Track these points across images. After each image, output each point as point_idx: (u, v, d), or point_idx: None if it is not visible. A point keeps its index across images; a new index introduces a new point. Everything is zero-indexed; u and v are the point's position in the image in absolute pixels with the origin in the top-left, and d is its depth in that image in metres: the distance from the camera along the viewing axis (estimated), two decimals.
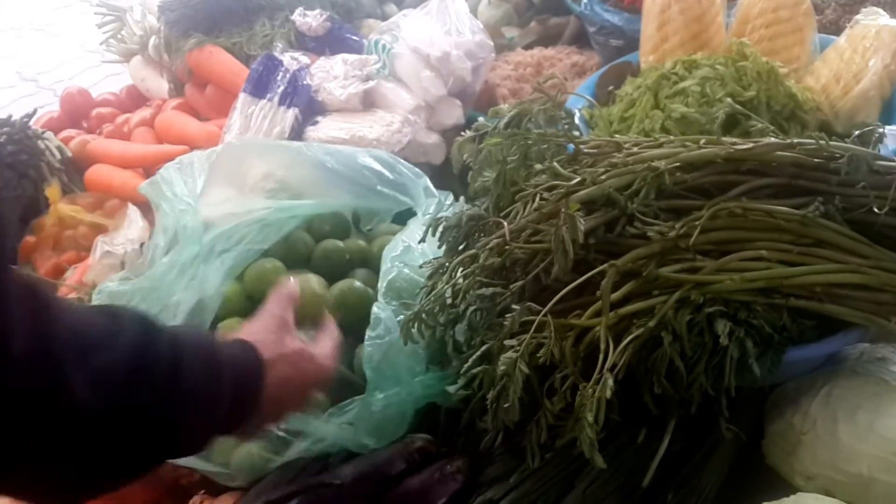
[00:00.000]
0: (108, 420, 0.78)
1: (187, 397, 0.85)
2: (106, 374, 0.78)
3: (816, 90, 1.63)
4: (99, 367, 0.77)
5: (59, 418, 0.74)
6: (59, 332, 0.75)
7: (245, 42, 2.37)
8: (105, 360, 0.78)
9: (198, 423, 0.89)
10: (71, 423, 0.75)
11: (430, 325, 1.19)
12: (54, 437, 0.75)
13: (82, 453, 0.78)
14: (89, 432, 0.77)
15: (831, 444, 1.10)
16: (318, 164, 1.60)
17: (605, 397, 0.98)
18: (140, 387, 0.80)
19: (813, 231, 1.11)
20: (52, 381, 0.73)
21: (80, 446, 0.78)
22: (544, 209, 1.14)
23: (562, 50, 2.25)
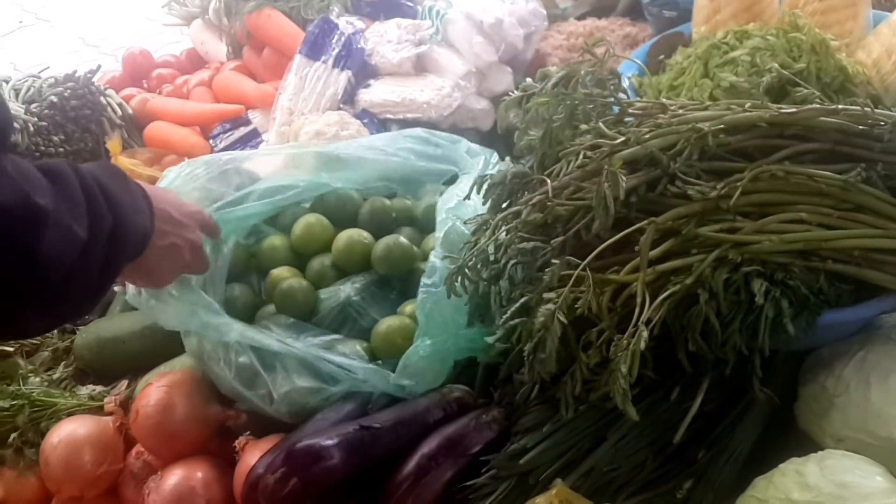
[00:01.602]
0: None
1: (121, 209, 1.03)
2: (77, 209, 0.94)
3: (867, 64, 1.61)
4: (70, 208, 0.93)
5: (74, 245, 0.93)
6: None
7: (302, 6, 2.40)
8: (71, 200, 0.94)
9: (134, 227, 1.08)
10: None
11: (473, 280, 1.21)
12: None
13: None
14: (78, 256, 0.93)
15: (863, 407, 1.11)
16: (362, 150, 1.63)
17: (640, 349, 1.00)
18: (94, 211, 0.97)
19: (854, 196, 1.12)
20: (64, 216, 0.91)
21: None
22: (587, 167, 1.16)
23: (615, 21, 2.25)
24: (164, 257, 1.21)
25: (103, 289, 1.03)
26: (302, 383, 1.28)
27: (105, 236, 0.98)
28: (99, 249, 0.97)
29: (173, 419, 1.34)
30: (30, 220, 0.87)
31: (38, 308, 0.95)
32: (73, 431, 1.39)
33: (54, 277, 0.91)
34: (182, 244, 1.25)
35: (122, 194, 1.05)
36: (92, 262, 0.96)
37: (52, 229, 0.89)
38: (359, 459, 1.17)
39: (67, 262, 0.92)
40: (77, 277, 0.95)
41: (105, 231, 0.98)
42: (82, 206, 0.95)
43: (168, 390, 1.37)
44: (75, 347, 1.65)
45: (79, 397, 1.54)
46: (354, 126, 1.90)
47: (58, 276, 0.91)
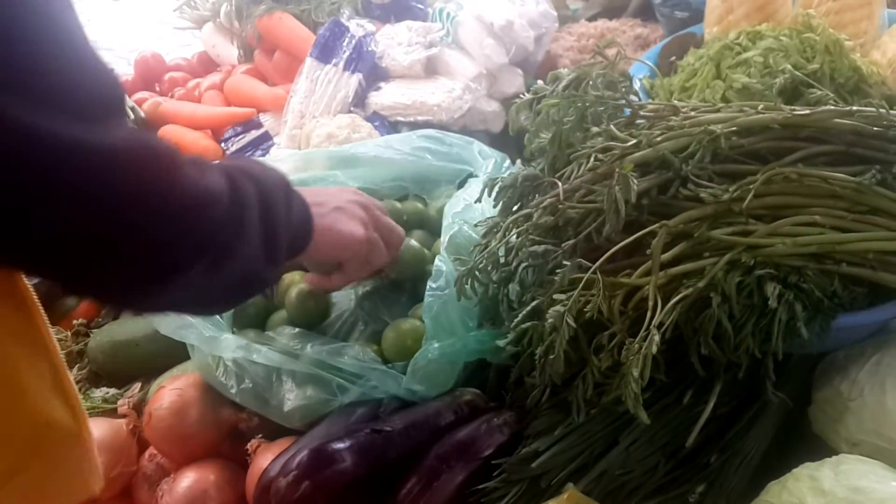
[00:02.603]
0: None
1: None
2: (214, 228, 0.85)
3: (882, 64, 1.60)
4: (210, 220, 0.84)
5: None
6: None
7: (313, 9, 2.41)
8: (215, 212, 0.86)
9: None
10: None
11: (483, 283, 1.21)
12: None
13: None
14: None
15: (878, 411, 1.10)
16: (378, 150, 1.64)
17: (651, 353, 1.00)
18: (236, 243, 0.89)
19: (868, 199, 1.11)
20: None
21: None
22: (599, 170, 1.16)
23: (626, 22, 2.24)
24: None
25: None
26: (310, 396, 1.28)
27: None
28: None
29: (186, 422, 1.35)
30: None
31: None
32: None
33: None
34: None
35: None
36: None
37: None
38: (371, 462, 1.16)
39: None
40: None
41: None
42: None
43: (181, 393, 1.37)
44: (89, 350, 1.66)
45: (92, 400, 1.55)
46: (366, 129, 1.90)
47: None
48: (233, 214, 0.87)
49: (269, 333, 1.37)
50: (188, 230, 0.81)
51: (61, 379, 0.93)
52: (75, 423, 0.95)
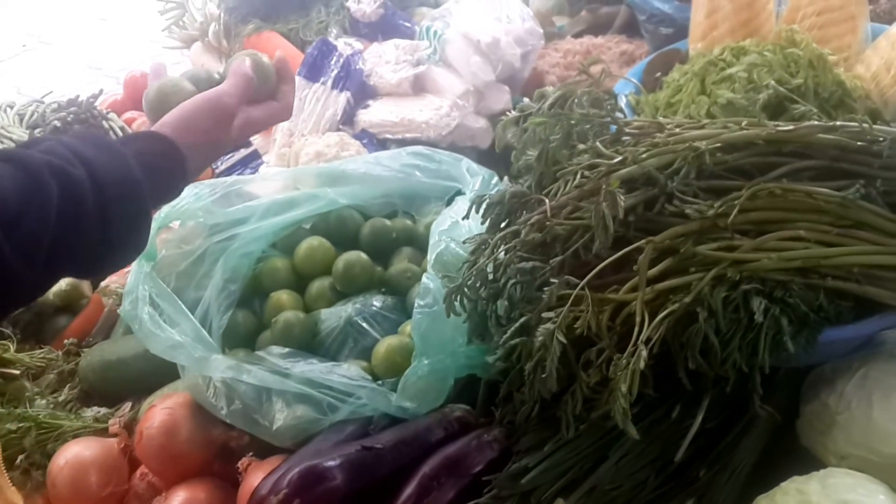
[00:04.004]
0: (44, 272, 0.92)
1: (114, 231, 0.99)
2: (33, 242, 0.89)
3: (866, 78, 1.62)
4: (25, 238, 0.88)
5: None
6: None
7: (301, 28, 2.42)
8: (30, 228, 0.88)
9: (128, 238, 1.05)
10: (10, 283, 0.88)
11: (472, 299, 1.22)
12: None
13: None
14: (28, 285, 0.92)
15: (866, 424, 1.10)
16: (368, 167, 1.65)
17: (639, 369, 1.00)
18: (69, 243, 0.93)
19: (853, 213, 1.11)
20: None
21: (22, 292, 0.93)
22: (585, 187, 1.16)
23: (611, 38, 2.26)
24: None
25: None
26: (300, 415, 1.28)
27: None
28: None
29: (177, 441, 1.35)
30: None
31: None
32: (79, 453, 1.40)
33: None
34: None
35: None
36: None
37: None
38: (361, 480, 1.16)
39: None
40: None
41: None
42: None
43: (171, 412, 1.38)
44: (80, 369, 1.66)
45: (84, 419, 1.55)
46: (354, 147, 1.91)
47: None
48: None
49: (258, 353, 1.37)
50: None
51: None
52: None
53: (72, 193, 0.93)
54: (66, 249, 0.93)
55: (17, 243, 0.87)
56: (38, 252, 0.89)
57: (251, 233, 1.54)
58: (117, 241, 1.01)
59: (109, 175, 0.98)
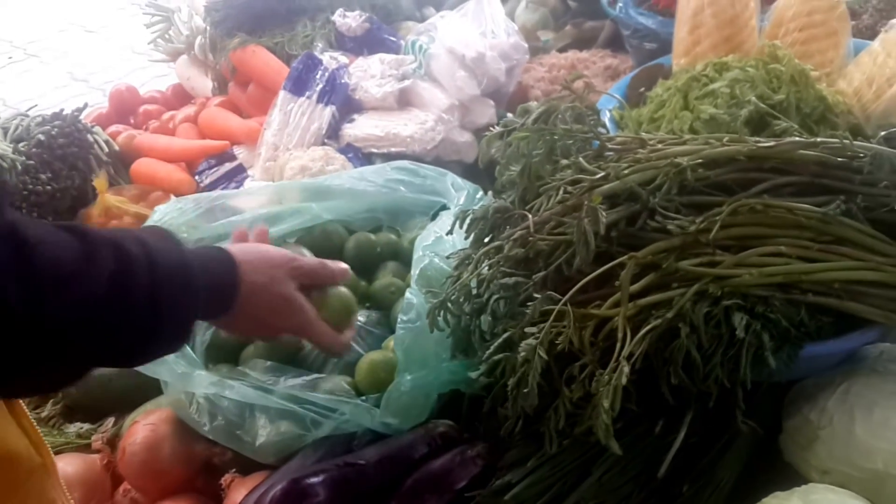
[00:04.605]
0: (90, 341, 0.86)
1: (162, 310, 0.93)
2: (85, 304, 0.83)
3: (848, 94, 1.63)
4: (77, 298, 0.82)
5: (43, 347, 0.81)
6: (38, 266, 0.78)
7: (287, 42, 2.43)
8: (82, 289, 0.83)
9: (173, 327, 0.98)
10: (54, 348, 0.82)
11: (456, 314, 1.22)
12: (44, 362, 0.83)
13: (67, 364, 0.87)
14: (72, 352, 0.85)
15: (847, 439, 1.11)
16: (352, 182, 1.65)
17: (621, 384, 1.00)
18: (118, 310, 0.87)
19: (833, 228, 1.12)
20: (36, 318, 0.78)
21: (65, 360, 0.86)
22: (568, 202, 1.17)
23: (596, 53, 2.28)
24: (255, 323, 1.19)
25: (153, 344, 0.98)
26: (283, 431, 1.28)
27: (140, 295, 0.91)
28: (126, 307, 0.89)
29: (160, 457, 1.35)
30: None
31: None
32: (62, 470, 1.36)
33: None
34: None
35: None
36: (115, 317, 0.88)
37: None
38: (344, 497, 1.16)
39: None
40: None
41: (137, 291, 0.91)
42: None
43: (154, 428, 1.37)
44: None
45: (67, 435, 1.54)
46: (339, 161, 1.91)
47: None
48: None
49: (241, 368, 1.37)
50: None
51: (18, 415, 0.93)
52: (38, 456, 0.95)
53: (126, 267, 0.89)
54: (111, 321, 0.88)
55: (63, 304, 0.82)
56: (81, 318, 0.84)
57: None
58: (161, 326, 0.95)
59: (164, 257, 0.95)
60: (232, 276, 1.11)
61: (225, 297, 1.10)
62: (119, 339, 0.90)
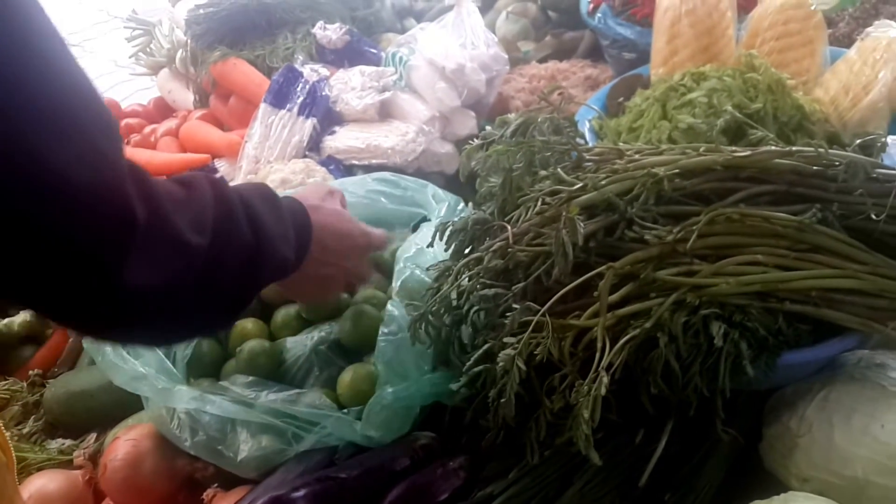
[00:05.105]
0: (213, 255, 0.93)
1: (264, 232, 1.04)
2: (201, 218, 0.93)
3: (825, 102, 1.64)
4: (194, 216, 0.91)
5: (178, 258, 0.88)
6: (160, 195, 0.86)
7: (267, 55, 2.43)
8: (197, 209, 0.93)
9: (276, 253, 1.08)
10: (187, 260, 0.90)
11: (436, 326, 1.22)
12: (177, 274, 0.89)
13: (198, 286, 0.93)
14: (201, 267, 0.91)
15: (826, 447, 1.11)
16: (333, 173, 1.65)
17: (601, 395, 1.01)
18: (228, 226, 0.97)
19: (810, 237, 1.13)
20: (167, 231, 0.87)
21: (196, 281, 0.92)
22: (546, 213, 1.17)
23: (576, 63, 2.28)
24: (315, 282, 1.27)
25: (238, 302, 1.06)
26: (264, 445, 1.27)
27: (238, 253, 1.00)
28: (224, 266, 0.97)
29: (141, 473, 1.35)
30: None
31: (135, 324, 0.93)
32: (44, 486, 1.39)
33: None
34: (336, 273, 1.31)
35: (268, 217, 1.07)
36: (211, 277, 0.95)
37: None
38: None
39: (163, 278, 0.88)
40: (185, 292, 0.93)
41: (238, 248, 1.00)
42: (207, 218, 0.95)
43: (135, 444, 1.37)
44: (45, 401, 1.64)
45: (48, 451, 1.54)
46: (320, 173, 1.91)
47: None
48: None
49: (222, 383, 1.36)
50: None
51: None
52: (3, 454, 0.97)
53: (225, 197, 0.99)
54: (226, 236, 0.97)
55: (188, 216, 0.90)
56: (206, 229, 0.93)
57: None
58: (262, 258, 1.04)
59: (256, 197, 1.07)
60: (308, 221, 1.20)
61: (305, 233, 1.19)
62: (225, 269, 0.97)
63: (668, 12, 1.78)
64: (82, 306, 0.84)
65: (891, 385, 1.15)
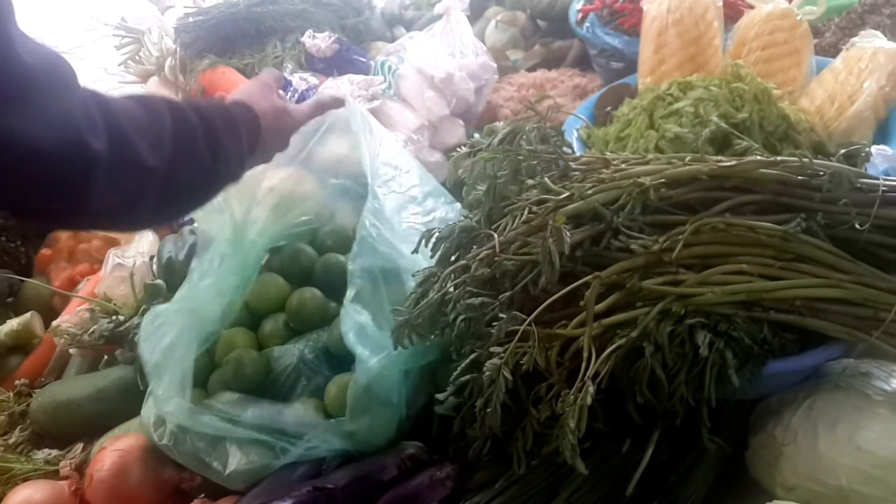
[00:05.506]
0: (169, 175, 1.03)
1: (222, 153, 1.15)
2: (160, 141, 1.02)
3: (811, 111, 1.65)
4: (154, 139, 1.01)
5: (136, 177, 0.99)
6: (121, 120, 0.97)
7: (256, 63, 2.43)
8: (156, 132, 1.02)
9: (230, 171, 1.21)
10: (146, 180, 1.01)
11: (422, 334, 1.21)
12: (132, 190, 1.00)
13: (156, 201, 1.04)
14: (157, 187, 1.03)
15: (811, 455, 1.11)
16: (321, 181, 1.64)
17: (587, 404, 1.01)
18: (186, 147, 1.08)
19: (794, 246, 1.13)
20: (127, 152, 0.97)
21: (154, 197, 1.03)
22: (533, 222, 1.18)
23: (564, 72, 2.29)
24: (265, 155, 1.36)
25: (192, 206, 1.23)
26: (253, 460, 1.28)
27: (195, 173, 1.11)
28: (180, 184, 1.08)
29: (128, 483, 1.34)
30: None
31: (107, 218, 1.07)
32: (30, 497, 1.38)
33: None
34: (282, 141, 1.39)
35: (228, 139, 1.17)
36: (167, 193, 1.06)
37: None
38: None
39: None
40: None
41: (195, 168, 1.11)
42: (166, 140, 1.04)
43: (122, 454, 1.36)
44: (31, 411, 1.64)
45: (35, 462, 1.53)
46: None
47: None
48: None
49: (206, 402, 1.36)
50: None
51: None
52: None
53: (184, 121, 1.09)
54: (184, 154, 1.07)
55: (147, 139, 0.99)
56: (164, 151, 1.02)
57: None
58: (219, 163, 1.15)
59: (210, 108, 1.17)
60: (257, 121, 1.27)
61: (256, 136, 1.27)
62: (180, 186, 1.09)
63: (656, 22, 1.79)
64: (53, 218, 1.03)
65: (875, 394, 1.15)
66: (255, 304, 1.55)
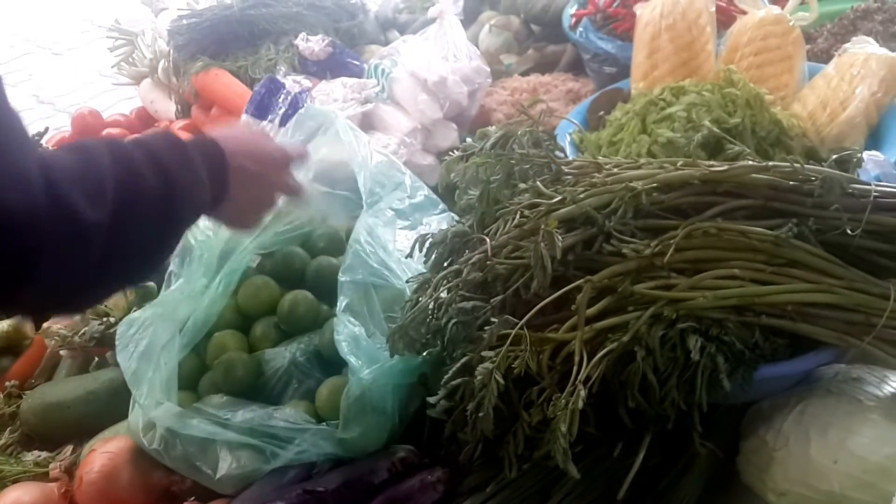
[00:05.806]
0: (115, 225, 0.90)
1: (174, 181, 1.00)
2: (100, 187, 0.89)
3: (803, 117, 1.65)
4: (91, 187, 0.88)
5: (75, 239, 0.86)
6: (57, 174, 0.84)
7: (250, 65, 2.43)
8: (94, 179, 0.90)
9: (191, 199, 1.06)
10: (83, 239, 0.87)
11: (415, 339, 1.21)
12: (71, 255, 0.86)
13: (96, 263, 0.90)
14: (102, 244, 0.89)
15: (803, 461, 1.12)
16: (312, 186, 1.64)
17: (578, 408, 1.01)
18: (132, 185, 0.94)
19: (786, 251, 1.13)
20: (64, 211, 0.84)
21: (93, 258, 0.89)
22: (525, 226, 1.17)
23: (558, 76, 2.29)
24: (246, 206, 1.24)
25: (158, 253, 1.05)
26: (243, 464, 1.27)
27: (149, 210, 0.97)
28: (131, 229, 0.95)
29: (117, 486, 1.34)
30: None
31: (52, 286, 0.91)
32: (19, 499, 1.38)
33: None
34: (262, 192, 1.26)
35: (176, 165, 1.04)
36: (117, 246, 0.93)
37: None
38: None
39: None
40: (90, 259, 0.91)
41: (148, 204, 0.97)
42: (106, 185, 0.92)
43: (112, 457, 1.36)
44: (21, 412, 1.63)
45: (24, 464, 1.53)
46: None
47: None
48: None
49: (196, 406, 1.36)
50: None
51: None
52: None
53: (129, 162, 0.96)
54: (130, 199, 0.94)
55: (85, 191, 0.88)
56: (105, 200, 0.90)
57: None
58: (175, 209, 1.03)
59: (167, 154, 1.03)
60: (222, 156, 1.14)
61: (220, 168, 1.14)
62: (133, 231, 0.95)
63: (649, 27, 1.79)
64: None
65: (867, 399, 1.15)
66: (246, 306, 1.54)
